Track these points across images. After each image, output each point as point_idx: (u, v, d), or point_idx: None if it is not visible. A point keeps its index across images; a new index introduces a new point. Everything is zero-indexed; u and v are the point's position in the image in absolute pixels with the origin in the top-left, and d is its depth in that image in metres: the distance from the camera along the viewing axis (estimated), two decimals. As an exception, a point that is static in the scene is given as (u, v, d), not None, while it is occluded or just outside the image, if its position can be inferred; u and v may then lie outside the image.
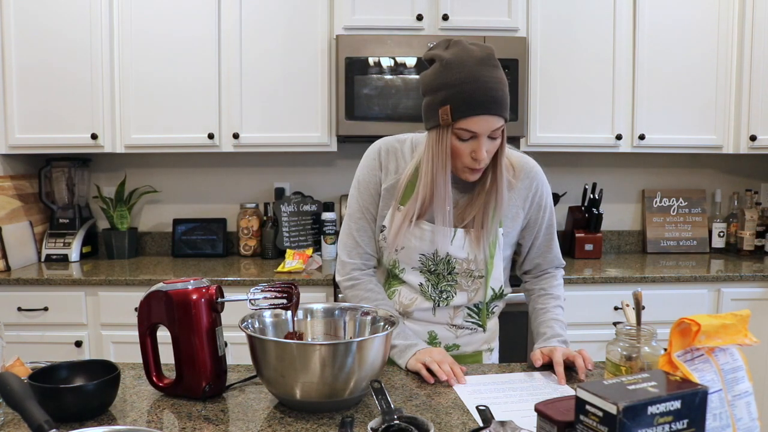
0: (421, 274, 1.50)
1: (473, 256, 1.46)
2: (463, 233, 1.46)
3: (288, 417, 1.15)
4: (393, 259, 1.52)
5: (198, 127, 2.79)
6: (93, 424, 1.11)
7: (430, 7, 2.75)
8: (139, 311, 1.27)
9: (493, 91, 1.32)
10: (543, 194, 1.53)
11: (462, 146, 1.36)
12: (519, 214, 1.51)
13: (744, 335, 1.01)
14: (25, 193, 2.93)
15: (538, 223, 1.54)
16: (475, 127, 1.33)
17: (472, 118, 1.32)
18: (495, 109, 1.32)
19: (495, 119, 1.33)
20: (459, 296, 1.51)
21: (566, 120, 2.84)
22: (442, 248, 1.46)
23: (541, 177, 1.53)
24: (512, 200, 1.49)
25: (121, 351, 2.53)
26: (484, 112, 1.31)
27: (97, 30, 2.71)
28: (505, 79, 1.36)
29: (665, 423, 0.83)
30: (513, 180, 1.49)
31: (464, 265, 1.48)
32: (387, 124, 2.70)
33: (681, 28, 2.84)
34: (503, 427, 0.99)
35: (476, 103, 1.31)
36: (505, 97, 1.34)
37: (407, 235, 1.46)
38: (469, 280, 1.49)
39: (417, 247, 1.47)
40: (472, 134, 1.34)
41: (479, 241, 1.45)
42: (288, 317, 1.33)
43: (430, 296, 1.51)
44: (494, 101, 1.32)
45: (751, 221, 3.07)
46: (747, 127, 2.86)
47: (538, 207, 1.53)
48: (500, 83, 1.34)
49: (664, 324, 1.33)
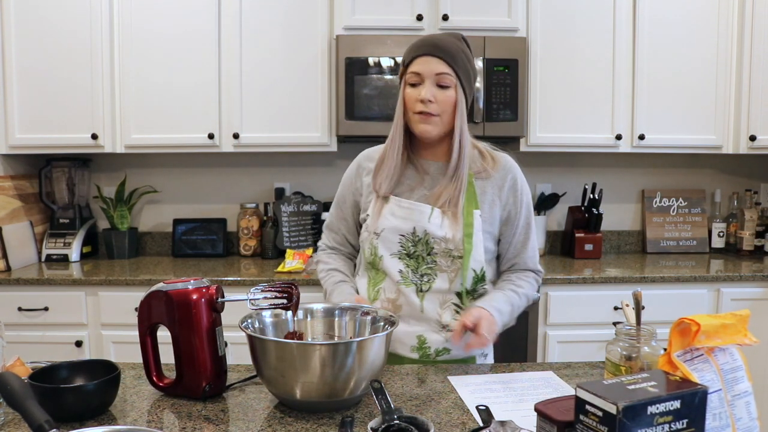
0: (400, 261, 1.50)
1: (451, 234, 1.47)
2: (440, 213, 1.48)
3: (288, 417, 1.15)
4: (374, 246, 1.52)
5: (198, 127, 2.79)
6: (93, 424, 1.11)
7: (430, 7, 2.75)
8: (140, 311, 1.27)
9: (438, 40, 1.46)
10: (521, 190, 1.57)
11: (412, 92, 1.47)
12: (495, 202, 1.53)
13: (744, 335, 1.01)
14: (25, 193, 2.93)
15: (518, 218, 1.56)
16: (419, 68, 1.45)
17: (416, 60, 1.46)
18: (437, 52, 1.44)
19: (438, 61, 1.44)
20: (440, 279, 1.49)
21: (566, 120, 2.84)
22: (420, 226, 1.48)
23: (519, 173, 1.58)
24: (488, 188, 1.53)
25: (121, 351, 2.53)
26: (426, 52, 1.45)
27: (97, 30, 2.71)
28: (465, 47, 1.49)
29: (665, 423, 0.83)
30: (490, 170, 1.53)
31: (443, 245, 1.48)
32: (387, 124, 2.67)
33: (681, 28, 2.84)
34: (503, 427, 0.99)
35: (420, 46, 1.47)
36: (452, 47, 1.45)
37: (387, 216, 1.49)
38: (449, 260, 1.49)
39: (396, 227, 1.49)
40: (417, 77, 1.45)
41: (456, 219, 1.47)
42: (288, 317, 1.33)
43: (411, 281, 1.50)
44: (437, 46, 1.45)
45: (750, 221, 3.07)
46: (747, 127, 2.86)
47: (516, 202, 1.56)
48: (450, 37, 1.48)
49: (663, 324, 1.33)
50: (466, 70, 1.48)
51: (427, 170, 1.54)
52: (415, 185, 1.53)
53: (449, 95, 1.46)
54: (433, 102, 1.44)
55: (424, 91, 1.44)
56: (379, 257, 1.52)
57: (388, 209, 1.50)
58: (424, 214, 1.48)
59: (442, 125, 1.48)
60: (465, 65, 1.47)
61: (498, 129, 2.73)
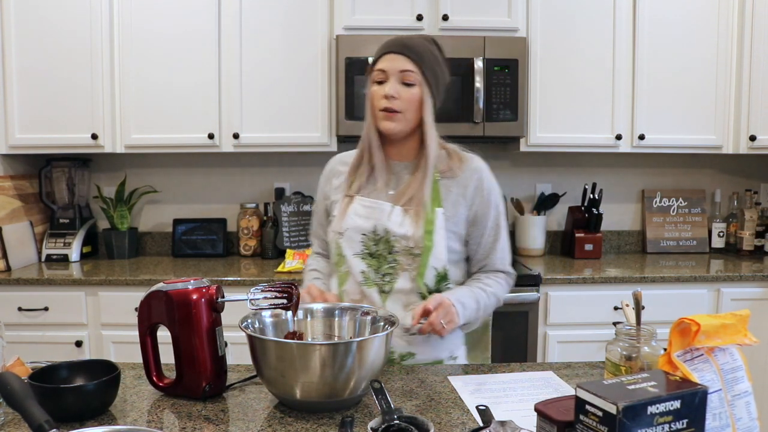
0: (362, 261, 1.50)
1: (411, 232, 1.47)
2: (402, 211, 1.49)
3: (288, 417, 1.15)
4: (338, 246, 1.53)
5: (198, 127, 2.79)
6: (93, 424, 1.11)
7: (430, 7, 2.75)
8: (140, 311, 1.27)
9: (406, 39, 1.49)
10: (490, 191, 1.56)
11: (377, 89, 1.49)
12: (460, 202, 1.52)
13: (744, 335, 1.01)
14: (25, 193, 2.93)
15: (486, 219, 1.55)
16: (384, 65, 1.47)
17: (382, 58, 1.48)
18: (402, 50, 1.46)
19: (403, 59, 1.46)
20: (402, 278, 1.48)
21: (566, 120, 2.84)
22: (380, 224, 1.49)
23: (487, 175, 1.57)
24: (452, 187, 1.53)
25: (121, 351, 2.54)
26: (392, 50, 1.47)
27: (97, 30, 2.71)
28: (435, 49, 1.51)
29: (665, 423, 0.83)
30: (456, 170, 1.54)
31: (403, 243, 1.48)
32: (387, 124, 2.70)
33: (681, 28, 2.84)
34: (503, 427, 0.99)
35: (387, 45, 1.49)
36: (419, 46, 1.48)
37: (350, 215, 1.51)
38: (410, 258, 1.48)
39: (359, 226, 1.50)
40: (383, 74, 1.47)
41: (418, 217, 1.47)
42: (288, 317, 1.33)
43: (374, 281, 1.50)
44: (403, 44, 1.47)
45: (750, 221, 3.07)
46: (747, 127, 2.86)
47: (484, 202, 1.54)
48: (420, 38, 1.50)
49: (663, 324, 1.33)
50: (433, 69, 1.48)
51: (394, 170, 1.56)
52: (382, 185, 1.54)
53: (414, 93, 1.46)
54: (397, 98, 1.45)
55: (387, 88, 1.46)
56: (343, 257, 1.52)
57: (352, 209, 1.52)
58: (384, 212, 1.49)
59: (406, 122, 1.48)
60: (432, 65, 1.48)
61: (498, 129, 2.73)
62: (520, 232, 3.10)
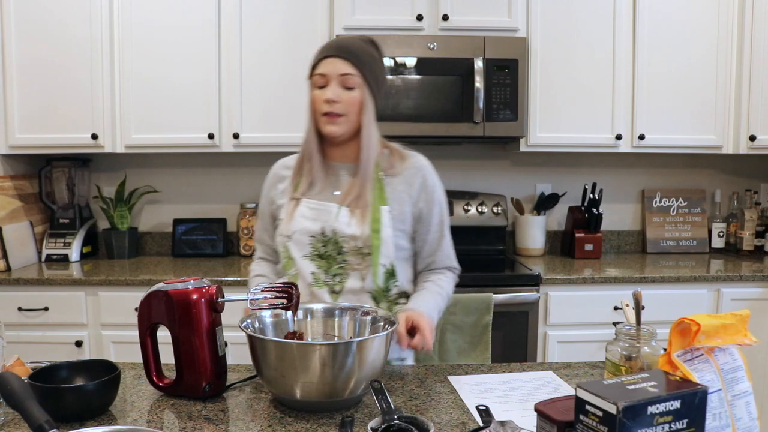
0: (312, 262, 1.51)
1: (359, 232, 1.48)
2: (348, 211, 1.50)
3: (288, 417, 1.15)
4: (286, 249, 1.53)
5: (198, 127, 2.79)
6: (93, 424, 1.11)
7: (430, 7, 2.75)
8: (140, 311, 1.27)
9: (344, 42, 1.51)
10: (434, 188, 1.58)
11: (318, 94, 1.50)
12: (405, 200, 1.54)
13: (744, 335, 1.01)
14: (25, 193, 2.93)
15: (431, 216, 1.58)
16: (324, 69, 1.49)
17: (322, 62, 1.50)
18: (342, 53, 1.48)
19: (342, 62, 1.47)
20: (352, 277, 1.50)
21: (566, 120, 2.84)
22: (328, 225, 1.49)
23: (431, 172, 1.60)
24: (397, 185, 1.55)
25: (121, 351, 2.54)
26: (331, 54, 1.49)
27: (97, 30, 2.71)
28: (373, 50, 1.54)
29: (665, 423, 0.83)
30: (398, 167, 1.56)
31: (351, 243, 1.48)
32: (387, 124, 2.70)
33: (681, 28, 2.84)
34: (503, 427, 0.99)
35: (326, 49, 1.51)
36: (358, 49, 1.50)
37: (297, 218, 1.51)
38: (359, 258, 1.49)
39: (306, 228, 1.50)
40: (323, 78, 1.49)
41: (364, 216, 1.48)
42: (288, 317, 1.33)
43: (324, 282, 1.50)
44: (342, 48, 1.49)
45: (750, 221, 3.07)
46: (747, 127, 2.86)
47: (428, 200, 1.57)
48: (358, 40, 1.53)
49: (664, 324, 1.33)
50: (372, 71, 1.51)
51: (336, 172, 1.57)
52: (324, 186, 1.55)
53: (354, 96, 1.48)
54: (338, 102, 1.47)
55: (328, 92, 1.47)
56: (292, 259, 1.53)
57: (299, 212, 1.52)
58: (331, 213, 1.50)
59: (348, 125, 1.50)
60: (371, 67, 1.51)
61: (498, 129, 2.73)
62: (520, 232, 3.10)
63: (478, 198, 3.10)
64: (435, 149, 3.21)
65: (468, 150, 3.22)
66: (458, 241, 3.10)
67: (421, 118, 2.71)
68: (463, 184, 3.22)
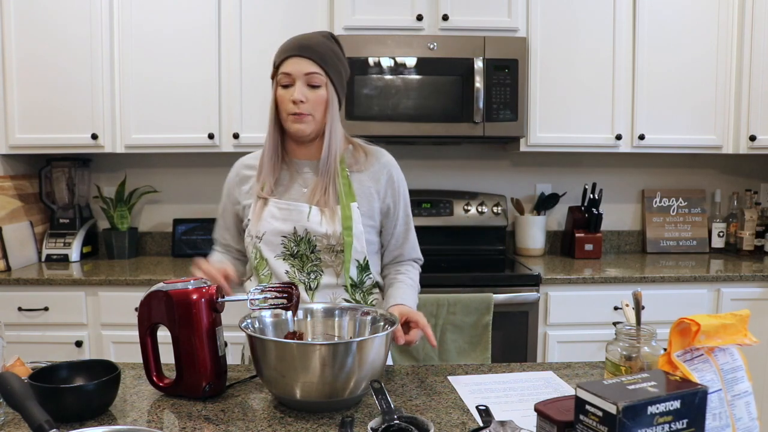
0: (285, 262, 1.51)
1: (332, 230, 1.48)
2: (318, 210, 1.50)
3: (288, 417, 1.15)
4: (257, 250, 1.52)
5: (198, 127, 2.79)
6: (93, 424, 1.11)
7: (430, 7, 2.75)
8: (140, 311, 1.27)
9: (308, 41, 1.50)
10: (399, 183, 1.61)
11: (284, 93, 1.49)
12: (373, 195, 1.56)
13: (743, 335, 1.01)
14: (25, 193, 2.93)
15: (398, 211, 1.60)
16: (289, 69, 1.48)
17: (286, 61, 1.49)
18: (306, 52, 1.47)
19: (307, 62, 1.47)
20: (326, 274, 1.51)
21: (566, 120, 2.84)
22: (300, 225, 1.49)
23: (396, 167, 1.62)
24: (364, 181, 1.56)
25: (121, 351, 2.54)
26: (295, 53, 1.48)
27: (97, 30, 2.71)
28: (335, 46, 1.54)
29: (665, 423, 0.83)
30: (363, 163, 1.57)
31: (324, 241, 1.49)
32: (387, 124, 2.70)
33: (681, 28, 2.84)
34: (503, 427, 0.99)
35: (289, 48, 1.50)
36: (321, 47, 1.49)
37: (267, 219, 1.51)
38: (332, 255, 1.50)
39: (277, 229, 1.50)
40: (288, 78, 1.48)
41: (334, 214, 1.49)
42: (288, 317, 1.33)
43: (300, 280, 1.51)
44: (306, 47, 1.48)
45: (750, 221, 3.07)
46: (747, 127, 2.86)
47: (395, 194, 1.59)
48: (320, 37, 1.52)
49: (664, 324, 1.33)
50: (336, 68, 1.52)
51: (300, 170, 1.56)
52: (290, 185, 1.55)
53: (320, 94, 1.49)
54: (305, 102, 1.47)
55: (295, 93, 1.47)
56: (264, 260, 1.53)
57: (267, 212, 1.52)
58: (303, 213, 1.50)
59: (315, 123, 1.51)
60: (335, 64, 1.52)
61: (498, 129, 2.73)
62: (520, 232, 3.10)
63: (478, 198, 3.10)
64: (435, 149, 3.21)
65: (468, 150, 3.22)
66: (458, 241, 3.13)
67: (421, 118, 2.71)
68: (463, 184, 3.22)
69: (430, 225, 3.02)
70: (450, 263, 2.84)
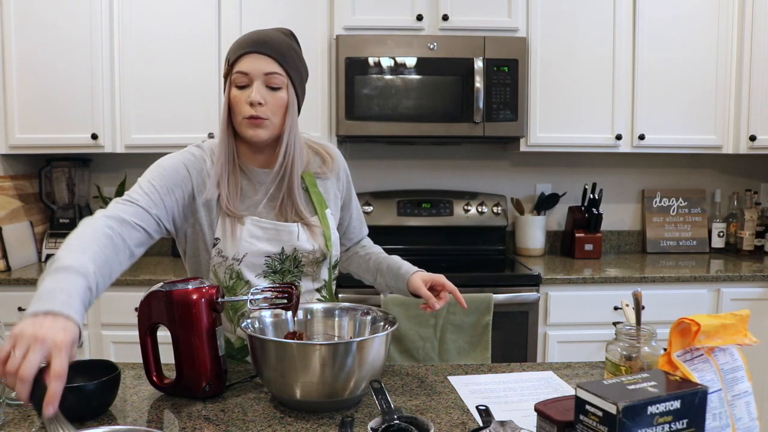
0: (265, 278, 1.43)
1: (317, 245, 1.45)
2: (305, 228, 1.44)
3: (288, 417, 1.15)
4: (235, 272, 1.40)
5: (198, 127, 2.79)
6: (93, 424, 1.11)
7: (430, 7, 2.75)
8: (139, 311, 1.27)
9: (267, 37, 1.35)
10: (348, 174, 1.61)
11: (239, 95, 1.35)
12: (337, 196, 1.56)
13: (744, 335, 1.01)
14: (25, 193, 2.93)
15: (351, 200, 1.62)
16: (246, 67, 1.33)
17: (243, 58, 1.34)
18: (265, 50, 1.33)
19: (267, 60, 1.33)
20: (304, 282, 1.49)
21: (566, 120, 2.84)
22: (289, 245, 1.42)
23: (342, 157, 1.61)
24: (329, 185, 1.53)
25: (121, 351, 2.54)
26: (254, 50, 1.33)
27: (97, 30, 2.71)
28: (295, 44, 1.41)
29: (665, 423, 0.83)
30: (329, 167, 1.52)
31: (310, 257, 1.46)
32: (387, 124, 2.70)
33: (681, 28, 2.84)
34: (503, 427, 0.99)
35: (247, 43, 1.34)
36: (282, 44, 1.35)
37: (247, 239, 1.38)
38: (314, 266, 1.49)
39: (261, 250, 1.40)
40: (245, 77, 1.34)
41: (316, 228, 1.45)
42: (288, 317, 1.33)
43: None
44: (266, 43, 1.33)
45: (750, 221, 3.07)
46: (747, 127, 2.86)
47: (349, 188, 1.61)
48: (279, 33, 1.38)
49: (664, 324, 1.33)
50: (297, 69, 1.39)
51: (258, 179, 1.44)
52: (249, 196, 1.42)
53: (280, 97, 1.35)
54: (264, 105, 1.33)
55: (253, 94, 1.32)
56: (245, 281, 1.41)
57: (246, 231, 1.38)
58: (293, 233, 1.41)
59: (273, 128, 1.37)
60: (296, 64, 1.38)
61: (498, 129, 2.73)
62: (520, 232, 3.10)
63: (478, 198, 3.10)
64: (435, 149, 3.21)
65: (468, 150, 3.22)
66: (458, 241, 3.13)
67: (421, 118, 2.71)
68: (463, 184, 3.22)
69: (430, 225, 3.02)
70: (450, 263, 2.84)
